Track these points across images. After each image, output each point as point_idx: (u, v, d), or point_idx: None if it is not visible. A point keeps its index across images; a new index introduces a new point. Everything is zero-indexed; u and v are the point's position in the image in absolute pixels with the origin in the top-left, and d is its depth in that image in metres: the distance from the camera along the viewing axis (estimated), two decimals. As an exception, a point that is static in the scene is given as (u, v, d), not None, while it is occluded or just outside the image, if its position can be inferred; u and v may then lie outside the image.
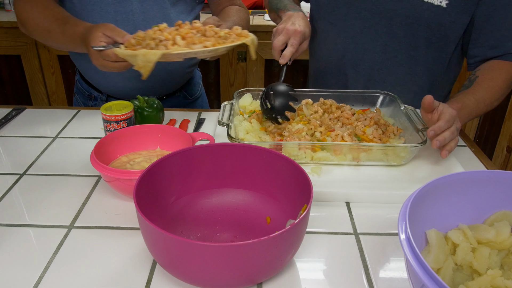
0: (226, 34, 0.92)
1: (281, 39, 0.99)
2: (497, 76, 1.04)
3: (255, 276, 0.61)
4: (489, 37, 1.06)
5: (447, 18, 1.05)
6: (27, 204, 0.81)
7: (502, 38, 1.06)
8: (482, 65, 1.09)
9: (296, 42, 0.99)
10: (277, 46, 1.00)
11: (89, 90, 1.30)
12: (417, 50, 1.11)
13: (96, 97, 1.30)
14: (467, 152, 1.01)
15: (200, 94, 1.45)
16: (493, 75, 1.05)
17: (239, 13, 1.24)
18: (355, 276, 0.66)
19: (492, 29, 1.05)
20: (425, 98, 0.88)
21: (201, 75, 1.49)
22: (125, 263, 0.68)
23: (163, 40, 0.87)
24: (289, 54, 0.98)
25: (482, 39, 1.07)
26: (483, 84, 1.03)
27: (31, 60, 2.28)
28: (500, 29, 1.05)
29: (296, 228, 0.59)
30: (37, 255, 0.69)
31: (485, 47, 1.08)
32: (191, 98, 1.39)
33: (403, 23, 1.08)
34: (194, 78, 1.41)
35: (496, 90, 1.03)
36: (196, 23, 0.94)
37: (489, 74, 1.05)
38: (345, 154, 0.90)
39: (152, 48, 0.86)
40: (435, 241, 0.60)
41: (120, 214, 0.79)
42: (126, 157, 0.90)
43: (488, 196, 0.65)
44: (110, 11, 1.12)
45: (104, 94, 1.28)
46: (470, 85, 1.04)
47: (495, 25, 1.05)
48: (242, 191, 0.79)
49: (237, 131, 0.95)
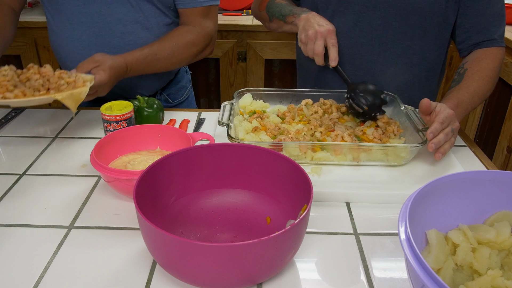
0: (66, 82, 0.92)
1: (321, 44, 1.02)
2: (485, 66, 1.06)
3: (255, 276, 0.61)
4: (474, 22, 1.09)
5: (438, 6, 1.07)
6: (27, 204, 0.81)
7: (486, 23, 1.08)
8: (468, 56, 1.11)
9: (335, 41, 1.02)
10: (321, 51, 1.02)
11: None
12: (413, 40, 1.12)
13: None
14: (467, 152, 1.01)
15: (186, 98, 1.43)
16: (481, 65, 1.06)
17: (178, 37, 1.18)
18: (355, 276, 0.66)
19: (476, 14, 1.08)
20: (422, 101, 0.89)
21: (190, 78, 1.46)
22: (125, 263, 0.68)
23: None
24: (337, 54, 1.02)
25: (467, 24, 1.10)
26: (473, 76, 1.05)
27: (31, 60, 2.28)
28: (484, 14, 1.08)
29: (296, 228, 0.59)
30: (37, 255, 0.69)
31: (470, 32, 1.10)
32: (172, 102, 1.38)
33: (398, 14, 1.09)
34: (179, 82, 1.39)
35: (486, 81, 1.05)
36: (45, 67, 0.94)
37: (478, 65, 1.07)
38: (345, 154, 0.90)
39: None
40: (435, 241, 0.60)
41: (120, 214, 0.79)
42: (126, 157, 0.90)
43: (488, 196, 0.65)
44: (75, 12, 1.14)
45: None
46: (460, 79, 1.06)
47: (479, 10, 1.07)
48: (242, 191, 0.79)
49: (237, 131, 0.95)
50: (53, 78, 0.92)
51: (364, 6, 1.10)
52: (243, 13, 2.24)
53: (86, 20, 1.14)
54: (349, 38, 1.15)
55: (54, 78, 0.92)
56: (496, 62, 1.07)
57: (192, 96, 1.47)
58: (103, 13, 1.14)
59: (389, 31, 1.12)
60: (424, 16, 1.09)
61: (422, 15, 1.08)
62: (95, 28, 1.15)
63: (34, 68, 0.93)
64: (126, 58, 1.09)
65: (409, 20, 1.09)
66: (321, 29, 1.01)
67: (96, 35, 1.15)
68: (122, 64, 1.08)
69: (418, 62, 1.16)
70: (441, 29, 1.12)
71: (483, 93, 1.05)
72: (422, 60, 1.16)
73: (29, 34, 2.18)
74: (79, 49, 1.17)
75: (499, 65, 1.08)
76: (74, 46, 1.18)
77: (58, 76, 0.93)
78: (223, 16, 2.20)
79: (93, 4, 1.13)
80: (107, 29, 1.15)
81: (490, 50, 1.09)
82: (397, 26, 1.10)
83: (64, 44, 1.19)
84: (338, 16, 1.14)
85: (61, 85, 0.91)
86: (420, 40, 1.12)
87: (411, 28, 1.10)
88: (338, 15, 1.14)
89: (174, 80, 1.37)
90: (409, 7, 1.07)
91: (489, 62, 1.07)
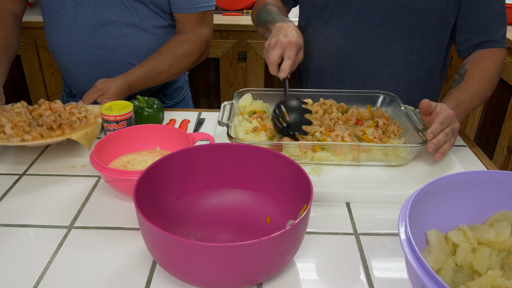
0: (78, 118, 0.95)
1: (277, 53, 0.96)
2: (486, 67, 1.06)
3: (255, 276, 0.61)
4: (475, 23, 1.08)
5: (438, 5, 1.07)
6: (27, 204, 0.81)
7: (487, 24, 1.08)
8: (469, 57, 1.11)
9: (292, 53, 0.96)
10: (274, 60, 0.96)
11: (70, 87, 1.35)
12: (412, 40, 1.12)
13: (75, 95, 1.34)
14: (467, 152, 1.01)
15: (182, 99, 1.43)
16: (482, 66, 1.06)
17: (176, 48, 1.20)
18: (355, 276, 0.66)
19: (477, 15, 1.07)
20: (422, 102, 0.89)
21: (187, 79, 1.47)
22: (124, 263, 0.68)
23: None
24: (288, 67, 0.95)
25: (468, 24, 1.09)
26: (474, 77, 1.04)
27: (30, 60, 2.28)
28: (485, 14, 1.07)
29: (296, 229, 0.59)
30: (37, 256, 0.69)
31: (471, 33, 1.09)
32: (168, 103, 1.39)
33: (397, 13, 1.09)
34: (176, 82, 1.40)
35: (487, 81, 1.05)
36: (56, 103, 0.96)
37: (478, 66, 1.06)
38: (345, 154, 0.90)
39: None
40: (435, 241, 0.60)
41: (120, 215, 0.79)
42: (126, 157, 0.90)
43: (488, 196, 0.65)
44: (71, 14, 1.15)
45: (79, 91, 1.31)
46: (461, 79, 1.05)
47: (480, 11, 1.07)
48: (242, 191, 0.79)
49: (237, 131, 0.95)
50: (65, 114, 0.95)
51: (363, 6, 1.10)
52: (243, 13, 2.24)
53: (81, 22, 1.15)
54: (348, 38, 1.15)
55: (65, 114, 0.95)
56: (497, 63, 1.07)
57: (188, 96, 1.48)
58: (97, 15, 1.14)
59: (388, 31, 1.12)
60: (423, 16, 1.08)
61: (421, 15, 1.08)
62: (89, 30, 1.16)
63: (45, 104, 0.96)
64: (128, 78, 1.12)
65: (408, 20, 1.09)
66: (284, 39, 0.96)
67: (91, 37, 1.16)
68: (125, 86, 1.11)
69: (417, 62, 1.16)
70: (441, 29, 1.11)
71: (484, 94, 1.04)
72: (421, 60, 1.16)
73: (29, 34, 2.18)
74: (74, 50, 1.19)
75: (500, 66, 1.08)
76: (69, 47, 1.19)
77: (69, 112, 0.96)
78: (223, 16, 2.20)
79: (88, 6, 1.14)
80: (101, 30, 1.16)
81: (491, 50, 1.08)
82: (396, 26, 1.10)
83: (60, 45, 1.20)
84: (337, 16, 1.14)
85: (73, 123, 0.95)
86: (419, 40, 1.12)
87: (410, 28, 1.10)
88: (337, 15, 1.14)
89: (170, 81, 1.38)
90: (408, 6, 1.07)
91: (490, 62, 1.07)
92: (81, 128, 0.95)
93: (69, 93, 1.36)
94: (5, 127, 0.87)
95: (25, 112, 0.92)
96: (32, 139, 0.87)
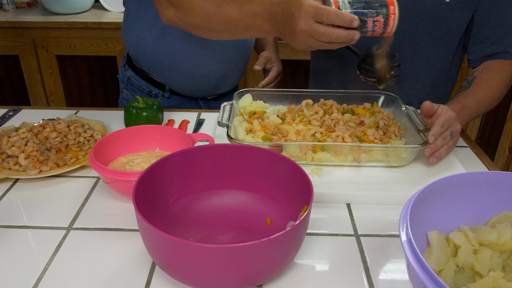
0: (85, 140, 0.97)
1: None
2: (495, 76, 1.05)
3: (255, 278, 0.60)
4: (490, 33, 1.07)
5: (450, 12, 1.05)
6: (26, 206, 0.81)
7: (502, 34, 1.06)
8: (480, 66, 1.09)
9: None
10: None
11: (148, 87, 1.30)
12: (420, 45, 1.11)
13: (157, 94, 1.31)
14: (468, 153, 1.01)
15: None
16: (491, 75, 1.05)
17: None
18: (356, 278, 0.66)
19: (493, 25, 1.06)
20: (423, 104, 0.89)
21: None
22: (124, 265, 0.67)
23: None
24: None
25: (483, 34, 1.08)
26: (482, 84, 1.03)
27: (29, 60, 2.28)
28: (501, 25, 1.06)
29: (297, 230, 0.59)
30: (36, 257, 0.69)
31: (485, 43, 1.08)
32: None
33: (406, 17, 1.07)
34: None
35: (495, 90, 1.04)
36: (60, 123, 0.97)
37: (488, 75, 1.05)
38: (345, 155, 0.90)
39: None
40: (436, 242, 0.60)
41: (119, 216, 0.78)
42: (125, 158, 0.89)
43: (489, 197, 0.65)
44: None
45: (167, 91, 1.29)
46: (469, 85, 1.05)
47: (496, 21, 1.06)
48: (242, 192, 0.78)
49: (237, 132, 0.95)
50: (71, 135, 0.96)
51: None
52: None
53: None
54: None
55: (71, 134, 0.97)
56: (506, 74, 1.06)
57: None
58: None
59: (396, 34, 1.10)
60: (433, 22, 1.07)
61: (431, 20, 1.07)
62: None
63: (49, 126, 0.97)
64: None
65: (417, 24, 1.08)
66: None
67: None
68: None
69: (424, 68, 1.14)
70: (450, 36, 1.10)
71: (490, 102, 1.03)
72: (428, 67, 1.14)
73: (27, 34, 2.18)
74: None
75: (509, 78, 1.07)
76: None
77: (74, 131, 0.98)
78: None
79: None
80: None
81: (502, 62, 1.07)
82: (404, 29, 1.09)
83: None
84: None
85: (82, 145, 0.96)
86: (427, 46, 1.11)
87: (418, 32, 1.09)
88: None
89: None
90: (418, 10, 1.06)
91: (500, 73, 1.06)
92: (90, 149, 0.95)
93: (149, 93, 1.31)
94: (18, 158, 0.87)
95: (32, 137, 0.92)
96: (49, 169, 0.87)
